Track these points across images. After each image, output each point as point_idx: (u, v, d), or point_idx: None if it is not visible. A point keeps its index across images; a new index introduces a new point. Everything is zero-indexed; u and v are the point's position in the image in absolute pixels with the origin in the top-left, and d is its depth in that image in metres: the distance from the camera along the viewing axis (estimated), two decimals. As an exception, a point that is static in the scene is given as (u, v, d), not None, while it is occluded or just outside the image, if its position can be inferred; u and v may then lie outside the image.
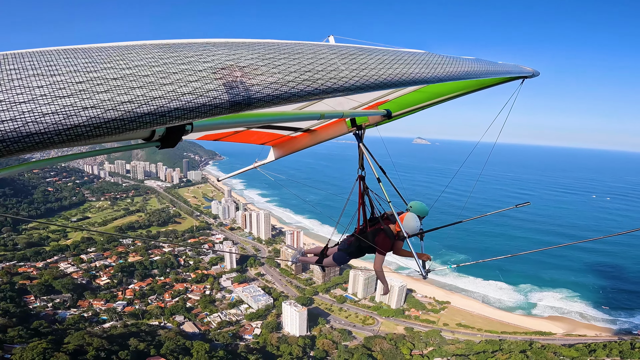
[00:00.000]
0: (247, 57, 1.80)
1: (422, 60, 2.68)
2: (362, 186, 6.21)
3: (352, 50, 2.28)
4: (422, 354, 77.54)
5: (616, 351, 71.48)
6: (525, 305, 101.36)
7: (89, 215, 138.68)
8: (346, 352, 74.59)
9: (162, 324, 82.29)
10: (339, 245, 6.99)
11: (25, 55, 1.40)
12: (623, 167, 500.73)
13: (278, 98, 1.66)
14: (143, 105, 1.33)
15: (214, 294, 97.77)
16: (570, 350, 73.50)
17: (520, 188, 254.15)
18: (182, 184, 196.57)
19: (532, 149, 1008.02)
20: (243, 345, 75.45)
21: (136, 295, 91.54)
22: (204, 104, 1.47)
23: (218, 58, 1.71)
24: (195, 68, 1.59)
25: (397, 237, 6.30)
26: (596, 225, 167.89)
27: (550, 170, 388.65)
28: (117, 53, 1.54)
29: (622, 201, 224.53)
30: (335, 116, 4.44)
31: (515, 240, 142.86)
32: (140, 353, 59.07)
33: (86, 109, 1.22)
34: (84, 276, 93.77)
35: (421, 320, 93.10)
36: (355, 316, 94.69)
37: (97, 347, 54.47)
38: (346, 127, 6.19)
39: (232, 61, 1.72)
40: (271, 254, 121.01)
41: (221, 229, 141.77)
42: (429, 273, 5.94)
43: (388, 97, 5.63)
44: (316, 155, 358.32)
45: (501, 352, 74.04)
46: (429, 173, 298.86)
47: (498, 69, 3.93)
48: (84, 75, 1.33)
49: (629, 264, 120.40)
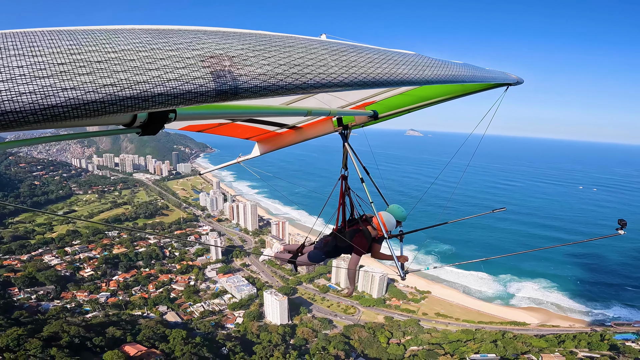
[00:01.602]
0: (238, 47, 1.80)
1: (411, 61, 2.74)
2: (344, 186, 6.17)
3: (343, 47, 2.32)
4: (399, 342, 79.59)
5: (584, 342, 73.84)
6: (504, 296, 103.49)
7: (76, 209, 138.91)
8: (324, 340, 76.51)
9: (145, 314, 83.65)
10: (316, 244, 6.95)
11: (8, 35, 1.38)
12: (610, 159, 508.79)
13: (265, 90, 1.66)
14: (126, 88, 1.32)
15: (199, 285, 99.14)
16: (540, 340, 75.96)
17: (506, 179, 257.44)
18: (171, 177, 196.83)
19: (520, 141, 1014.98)
20: (222, 333, 77.13)
21: (120, 287, 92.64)
22: (190, 91, 1.46)
23: (208, 46, 1.71)
24: (183, 55, 1.57)
25: (375, 240, 6.31)
26: (581, 217, 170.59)
27: (537, 162, 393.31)
28: (104, 37, 1.52)
29: (608, 192, 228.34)
30: (322, 114, 4.48)
31: (499, 232, 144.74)
32: (117, 340, 60.42)
33: (65, 90, 1.20)
34: (68, 268, 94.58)
35: (401, 309, 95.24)
36: (337, 305, 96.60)
37: (73, 334, 55.71)
38: (332, 126, 6.16)
39: (222, 50, 1.71)
40: (249, 249, 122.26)
41: (208, 221, 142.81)
42: (407, 274, 5.83)
43: (375, 98, 5.66)
44: (307, 146, 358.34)
45: (473, 342, 76.37)
46: (419, 164, 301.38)
47: (485, 75, 4.02)
48: (67, 57, 1.31)
49: (608, 256, 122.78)
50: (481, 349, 72.61)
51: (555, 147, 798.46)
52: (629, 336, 77.44)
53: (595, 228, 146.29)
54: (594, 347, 72.42)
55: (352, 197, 6.33)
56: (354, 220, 6.43)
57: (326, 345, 74.27)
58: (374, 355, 75.08)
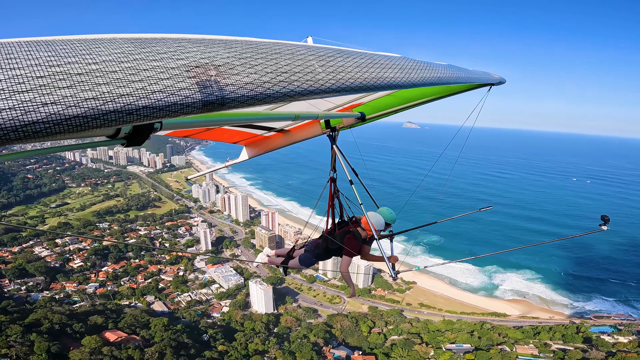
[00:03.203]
0: (223, 55, 1.77)
1: (398, 64, 2.77)
2: (332, 188, 6.16)
3: (329, 52, 2.32)
4: (380, 331, 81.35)
5: (559, 335, 75.53)
6: (489, 287, 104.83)
7: (68, 202, 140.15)
8: (306, 329, 78.28)
9: (132, 304, 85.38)
10: (306, 246, 6.96)
11: None
12: (605, 152, 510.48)
13: (253, 99, 1.63)
14: (109, 102, 1.27)
15: (187, 275, 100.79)
16: (517, 332, 77.55)
17: (501, 171, 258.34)
18: (165, 169, 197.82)
19: (519, 134, 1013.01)
20: (206, 322, 78.92)
21: (109, 277, 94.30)
22: (175, 103, 1.42)
23: (193, 56, 1.67)
24: (167, 65, 1.53)
25: (365, 241, 6.31)
26: (573, 210, 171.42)
27: (531, 154, 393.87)
28: (84, 47, 1.48)
29: (602, 184, 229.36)
30: (310, 117, 4.46)
31: (490, 225, 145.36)
32: (98, 327, 62.15)
33: (46, 105, 1.15)
34: (58, 259, 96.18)
35: (386, 300, 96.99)
36: (323, 295, 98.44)
37: (55, 322, 57.38)
38: (320, 128, 6.14)
39: (207, 59, 1.68)
40: (239, 240, 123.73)
41: (200, 212, 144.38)
42: (398, 274, 5.85)
43: (362, 100, 5.70)
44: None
45: (451, 332, 78.13)
46: (415, 156, 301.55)
47: (468, 76, 4.10)
48: (46, 69, 1.26)
49: (595, 249, 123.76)
50: (457, 339, 74.44)
51: (553, 140, 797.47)
52: (606, 329, 78.76)
53: (586, 221, 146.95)
54: (568, 339, 74.14)
55: (341, 199, 6.32)
56: (344, 222, 6.46)
57: (307, 334, 76.06)
58: (354, 343, 76.81)
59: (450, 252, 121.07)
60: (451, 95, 5.36)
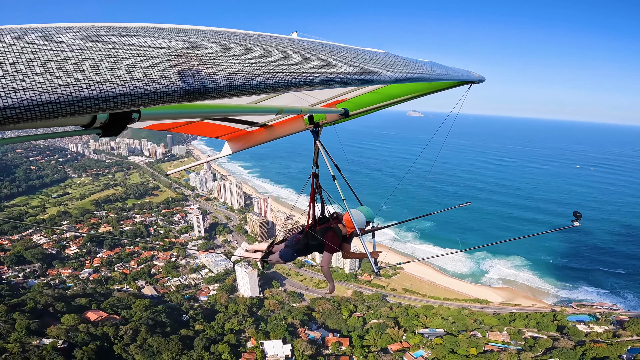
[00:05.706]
0: (207, 45, 1.72)
1: (381, 60, 2.78)
2: (314, 183, 6.10)
3: (314, 46, 2.30)
4: (360, 315, 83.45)
5: (534, 322, 76.55)
6: (477, 273, 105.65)
7: (69, 191, 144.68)
8: (287, 312, 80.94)
9: (123, 289, 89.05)
10: (286, 242, 6.91)
11: None
12: (610, 140, 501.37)
13: (236, 89, 1.60)
14: (84, 89, 1.23)
15: (179, 261, 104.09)
16: (493, 318, 78.75)
17: (500, 158, 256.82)
18: (165, 159, 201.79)
19: (523, 122, 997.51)
20: (189, 303, 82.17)
21: (103, 264, 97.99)
22: (155, 91, 1.38)
23: (175, 45, 1.63)
24: (148, 54, 1.49)
25: (345, 238, 6.35)
26: (573, 198, 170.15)
27: (535, 141, 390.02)
28: (60, 34, 1.41)
29: (605, 172, 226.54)
30: (293, 112, 4.44)
31: (484, 214, 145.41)
32: (81, 307, 65.61)
33: (18, 91, 1.11)
34: (54, 247, 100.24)
35: (371, 284, 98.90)
36: (310, 280, 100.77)
37: (41, 303, 60.93)
38: (304, 124, 6.07)
39: (190, 49, 1.64)
40: (232, 227, 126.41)
41: (197, 200, 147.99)
42: (380, 269, 5.82)
43: (346, 96, 5.72)
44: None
45: (425, 316, 79.91)
46: (415, 144, 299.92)
47: (450, 74, 4.14)
48: (19, 56, 1.21)
49: (586, 237, 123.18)
50: (431, 324, 76.27)
51: (557, 127, 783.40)
52: (585, 317, 79.26)
53: (582, 211, 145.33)
54: (542, 327, 75.11)
55: (323, 195, 6.29)
56: (325, 218, 6.44)
57: (286, 316, 78.71)
58: (333, 326, 79.23)
59: (440, 240, 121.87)
60: (433, 92, 5.46)
